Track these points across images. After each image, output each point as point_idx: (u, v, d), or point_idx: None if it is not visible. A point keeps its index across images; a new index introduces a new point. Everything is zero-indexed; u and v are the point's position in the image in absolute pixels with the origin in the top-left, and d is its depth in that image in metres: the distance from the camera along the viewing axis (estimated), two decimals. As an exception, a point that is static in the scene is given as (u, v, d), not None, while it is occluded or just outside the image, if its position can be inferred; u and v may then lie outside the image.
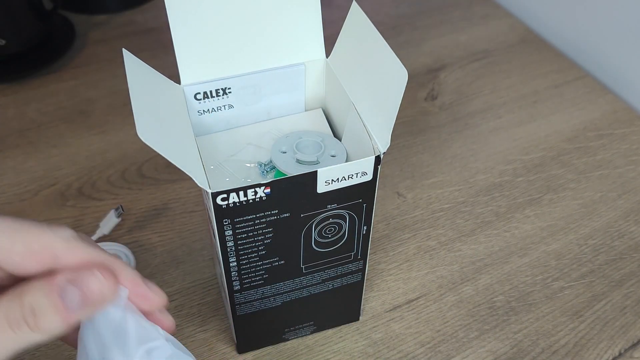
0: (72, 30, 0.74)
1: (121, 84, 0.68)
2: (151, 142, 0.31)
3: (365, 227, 0.40)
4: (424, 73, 0.72)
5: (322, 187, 0.36)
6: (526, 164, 0.61)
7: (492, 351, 0.47)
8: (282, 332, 0.46)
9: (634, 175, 0.60)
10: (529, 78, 0.71)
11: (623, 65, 0.70)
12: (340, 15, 0.40)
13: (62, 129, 0.63)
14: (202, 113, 0.41)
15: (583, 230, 0.56)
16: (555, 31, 0.77)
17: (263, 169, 0.40)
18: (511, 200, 0.58)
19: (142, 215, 0.55)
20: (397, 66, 0.34)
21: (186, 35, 0.38)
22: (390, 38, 0.76)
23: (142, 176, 0.59)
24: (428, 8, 0.81)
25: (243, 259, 0.38)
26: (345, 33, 0.40)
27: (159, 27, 0.77)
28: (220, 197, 0.34)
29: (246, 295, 0.41)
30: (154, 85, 0.37)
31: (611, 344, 0.48)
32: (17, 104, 0.66)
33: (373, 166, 0.36)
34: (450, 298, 0.50)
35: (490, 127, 0.65)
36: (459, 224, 0.56)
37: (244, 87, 0.41)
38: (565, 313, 0.50)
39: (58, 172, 0.59)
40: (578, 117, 0.66)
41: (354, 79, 0.39)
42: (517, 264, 0.53)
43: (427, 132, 0.64)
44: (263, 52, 0.40)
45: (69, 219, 0.55)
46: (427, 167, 0.61)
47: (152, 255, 0.52)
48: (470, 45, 0.76)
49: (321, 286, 0.43)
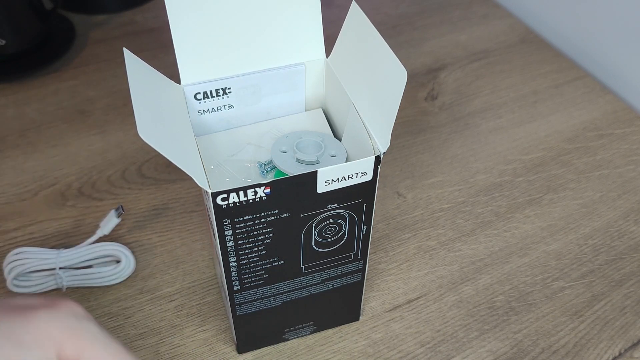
0: (72, 30, 0.74)
1: (121, 83, 0.68)
2: (152, 141, 0.31)
3: (365, 227, 0.40)
4: (424, 73, 0.72)
5: (322, 187, 0.36)
6: (526, 164, 0.61)
7: (492, 351, 0.47)
8: (282, 332, 0.46)
9: (634, 175, 0.60)
10: (529, 78, 0.71)
11: (623, 65, 0.70)
12: (340, 15, 0.40)
13: (62, 129, 0.63)
14: (202, 113, 0.41)
15: (583, 230, 0.56)
16: (555, 31, 0.77)
17: (263, 169, 0.40)
18: (511, 200, 0.58)
19: (142, 215, 0.55)
20: (396, 66, 0.34)
21: (186, 35, 0.38)
22: (390, 38, 0.76)
23: (142, 176, 0.59)
24: (428, 8, 0.81)
25: (243, 259, 0.38)
26: (345, 33, 0.40)
27: (159, 27, 0.77)
28: (220, 197, 0.34)
29: (246, 295, 0.41)
30: (155, 85, 0.37)
31: (611, 344, 0.48)
32: (17, 104, 0.66)
33: (373, 166, 0.36)
34: (450, 298, 0.50)
35: (490, 127, 0.65)
36: (459, 224, 0.56)
37: (244, 87, 0.41)
38: (565, 313, 0.50)
39: (58, 172, 0.59)
40: (578, 117, 0.66)
41: (354, 79, 0.39)
42: (517, 264, 0.53)
43: (427, 132, 0.64)
44: (263, 52, 0.40)
45: (69, 219, 0.55)
46: (427, 167, 0.61)
47: (152, 255, 0.52)
48: (470, 45, 0.76)
49: (321, 286, 0.43)
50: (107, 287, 0.50)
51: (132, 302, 0.49)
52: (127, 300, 0.49)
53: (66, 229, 0.54)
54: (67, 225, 0.54)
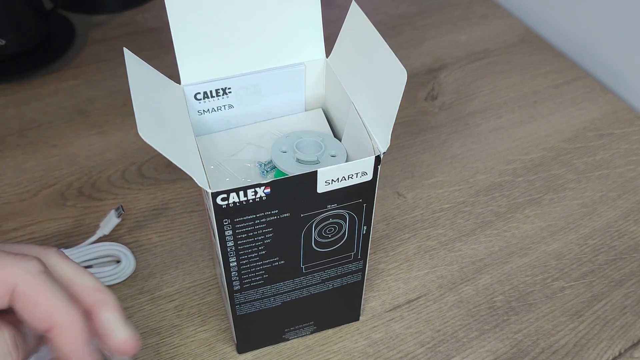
0: (72, 30, 0.74)
1: (121, 83, 0.68)
2: (152, 141, 0.31)
3: (365, 227, 0.40)
4: (424, 73, 0.72)
5: (322, 187, 0.36)
6: (526, 164, 0.61)
7: (492, 351, 0.47)
8: (282, 332, 0.46)
9: (634, 175, 0.60)
10: (529, 78, 0.71)
11: (623, 65, 0.70)
12: (340, 15, 0.40)
13: (62, 129, 0.63)
14: (202, 113, 0.41)
15: (583, 230, 0.56)
16: (555, 31, 0.77)
17: (263, 169, 0.40)
18: (511, 200, 0.58)
19: (142, 215, 0.55)
20: (396, 66, 0.34)
21: (186, 35, 0.38)
22: (390, 38, 0.76)
23: (142, 176, 0.59)
24: (428, 8, 0.81)
25: (243, 259, 0.38)
26: (345, 33, 0.40)
27: (159, 27, 0.77)
28: (220, 197, 0.34)
29: (246, 295, 0.41)
30: (155, 85, 0.37)
31: (611, 344, 0.48)
32: (17, 104, 0.66)
33: (373, 166, 0.36)
34: (450, 298, 0.50)
35: (490, 127, 0.65)
36: (459, 224, 0.56)
37: (244, 87, 0.41)
38: (565, 313, 0.50)
39: (58, 172, 0.59)
40: (578, 117, 0.66)
41: (354, 79, 0.39)
42: (517, 264, 0.53)
43: (427, 132, 0.64)
44: (263, 52, 0.40)
45: (69, 219, 0.55)
46: (427, 167, 0.61)
47: (152, 255, 0.52)
48: (470, 45, 0.76)
49: (321, 286, 0.43)
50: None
51: (132, 302, 0.49)
52: (127, 300, 0.49)
53: (66, 229, 0.54)
54: (67, 225, 0.54)
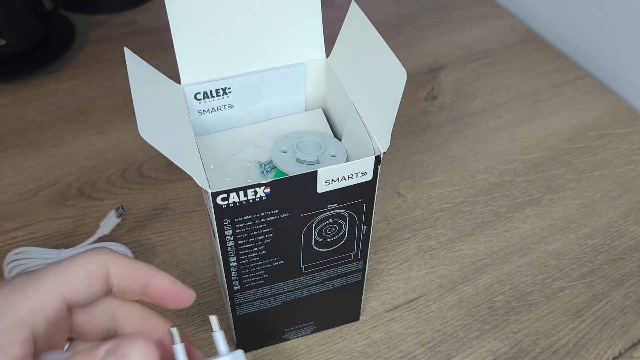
0: (72, 30, 0.74)
1: (121, 83, 0.68)
2: (152, 140, 0.31)
3: (365, 227, 0.40)
4: (424, 73, 0.72)
5: (322, 187, 0.36)
6: (526, 164, 0.61)
7: (492, 351, 0.47)
8: (282, 332, 0.46)
9: (634, 175, 0.60)
10: (529, 78, 0.71)
11: (623, 65, 0.70)
12: (340, 15, 0.40)
13: (62, 129, 0.63)
14: (202, 113, 0.41)
15: (583, 230, 0.56)
16: (555, 31, 0.77)
17: (263, 169, 0.40)
18: (511, 200, 0.58)
19: (142, 215, 0.55)
20: (396, 66, 0.34)
21: (186, 35, 0.38)
22: (390, 38, 0.76)
23: (142, 176, 0.59)
24: (428, 8, 0.81)
25: (243, 258, 0.38)
26: (344, 33, 0.40)
27: (159, 27, 0.77)
28: (220, 197, 0.34)
29: (246, 295, 0.41)
30: (155, 85, 0.37)
31: (611, 344, 0.48)
32: (17, 104, 0.66)
33: (373, 166, 0.36)
34: (450, 298, 0.50)
35: (490, 127, 0.65)
36: (459, 223, 0.56)
37: (244, 87, 0.41)
38: (565, 313, 0.50)
39: (58, 172, 0.59)
40: (578, 117, 0.66)
41: (354, 79, 0.39)
42: (517, 263, 0.53)
43: (427, 132, 0.64)
44: (263, 52, 0.40)
45: (69, 219, 0.55)
46: (427, 167, 0.61)
47: (152, 255, 0.52)
48: (470, 45, 0.76)
49: (321, 286, 0.43)
50: (107, 287, 0.50)
51: (132, 302, 0.49)
52: (127, 300, 0.49)
53: (66, 228, 0.54)
54: (67, 225, 0.54)
